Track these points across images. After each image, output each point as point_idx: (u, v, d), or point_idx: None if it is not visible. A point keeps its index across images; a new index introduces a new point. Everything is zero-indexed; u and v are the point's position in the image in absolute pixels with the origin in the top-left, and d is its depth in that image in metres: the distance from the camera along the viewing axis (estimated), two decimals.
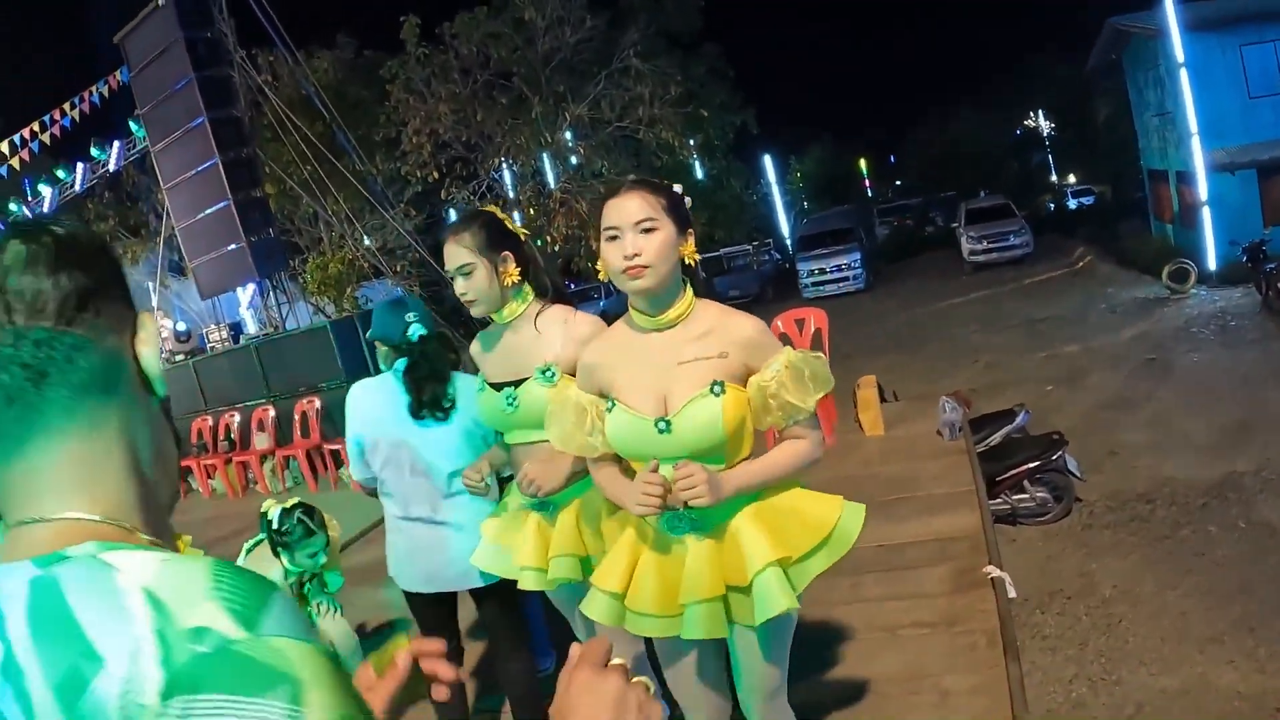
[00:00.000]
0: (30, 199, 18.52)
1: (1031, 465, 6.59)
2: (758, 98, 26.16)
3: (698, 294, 2.26)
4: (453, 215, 20.64)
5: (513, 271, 2.67)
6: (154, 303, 19.36)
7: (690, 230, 2.22)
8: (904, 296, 21.52)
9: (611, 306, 18.63)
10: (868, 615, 3.99)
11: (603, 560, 2.38)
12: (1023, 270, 21.78)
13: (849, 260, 23.91)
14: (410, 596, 3.23)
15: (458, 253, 2.65)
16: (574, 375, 2.53)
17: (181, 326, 13.26)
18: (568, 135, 21.32)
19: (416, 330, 3.07)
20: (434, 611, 3.24)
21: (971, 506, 4.92)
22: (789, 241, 34.35)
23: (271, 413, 11.20)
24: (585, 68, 21.01)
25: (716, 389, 2.11)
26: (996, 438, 7.04)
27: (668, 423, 2.13)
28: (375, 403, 3.14)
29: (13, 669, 0.74)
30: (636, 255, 2.09)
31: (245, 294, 16.63)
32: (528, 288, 2.75)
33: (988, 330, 14.72)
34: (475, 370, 2.96)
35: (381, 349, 3.25)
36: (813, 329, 7.38)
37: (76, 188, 17.99)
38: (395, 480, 3.13)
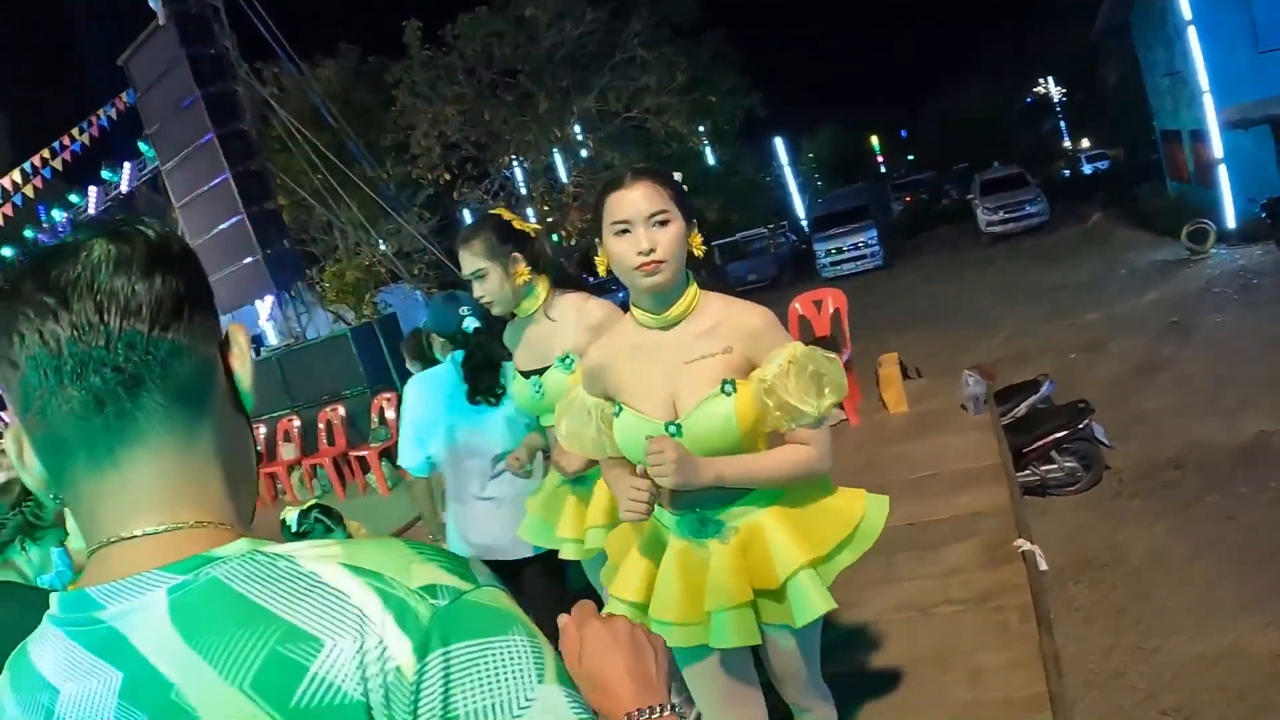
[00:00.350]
0: (45, 225, 18.64)
1: (1059, 435, 6.50)
2: (765, 81, 26.05)
3: (701, 285, 2.18)
4: (467, 216, 20.66)
5: (523, 271, 2.80)
6: None
7: (695, 220, 2.13)
8: (923, 271, 21.39)
9: (629, 297, 18.57)
10: (900, 595, 3.98)
11: (619, 570, 2.33)
12: (1040, 239, 21.58)
13: (865, 238, 23.79)
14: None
15: (470, 259, 2.81)
16: None
17: None
18: (577, 129, 21.29)
19: (470, 323, 3.29)
20: (505, 577, 3.51)
21: (999, 480, 4.89)
22: (805, 223, 34.22)
23: (296, 423, 11.26)
24: (589, 61, 20.95)
25: (728, 388, 2.01)
26: (1022, 409, 6.96)
27: (679, 426, 2.05)
28: (433, 391, 3.46)
29: (149, 687, 0.72)
30: (652, 250, 2.00)
31: (264, 306, 16.66)
32: (542, 282, 2.88)
33: (1008, 301, 14.58)
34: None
35: (438, 340, 3.61)
36: (831, 309, 7.36)
37: (91, 211, 18.06)
38: (449, 462, 3.43)
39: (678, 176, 2.19)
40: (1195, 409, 7.60)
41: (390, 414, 10.20)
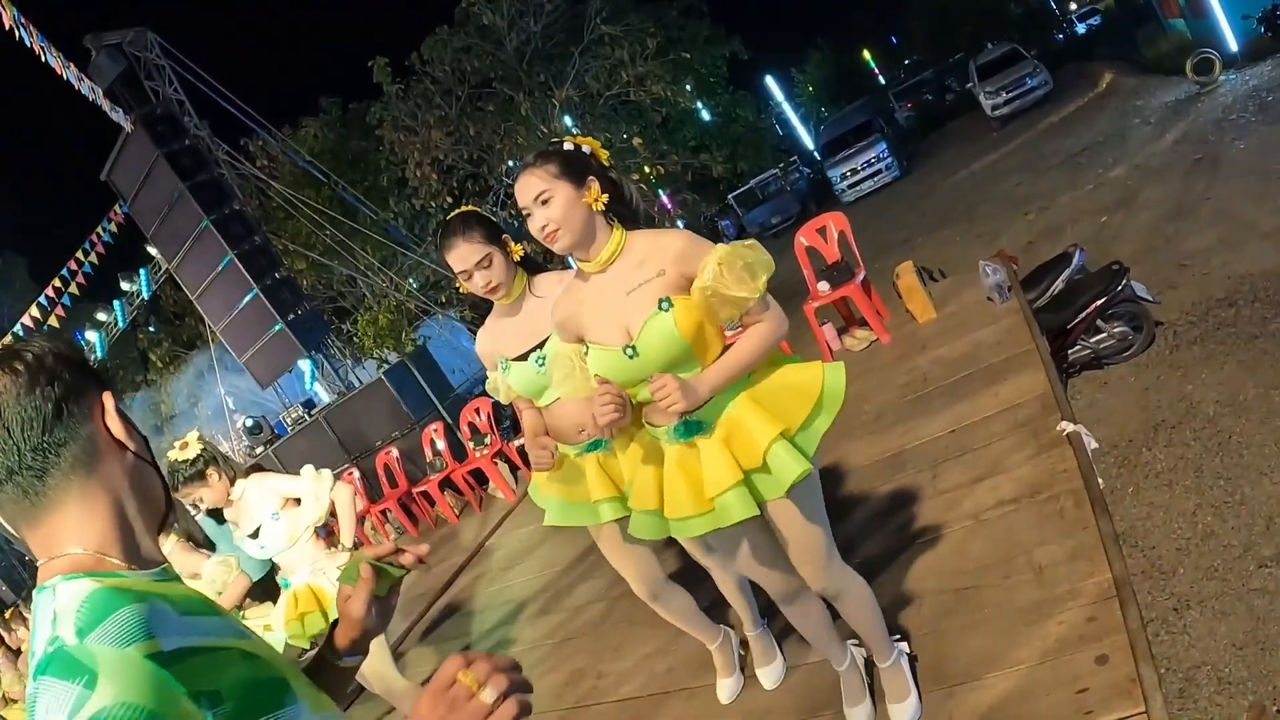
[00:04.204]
0: (84, 348, 19.04)
1: (1100, 302, 6.22)
2: (741, 24, 25.66)
3: (636, 224, 2.46)
4: None
5: (517, 249, 2.97)
6: (229, 405, 19.77)
7: (591, 178, 2.38)
8: (942, 170, 20.90)
9: None
10: (951, 505, 3.81)
11: (634, 486, 2.58)
12: (1049, 109, 20.95)
13: (876, 153, 23.28)
14: None
15: (473, 250, 2.86)
16: None
17: (249, 422, 13.38)
18: (568, 120, 21.09)
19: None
20: None
21: (1035, 365, 4.66)
22: (816, 152, 33.64)
23: (356, 474, 11.30)
24: (559, 50, 20.74)
25: (664, 305, 2.31)
26: (1059, 284, 6.67)
27: (634, 348, 2.33)
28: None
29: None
30: (544, 226, 2.34)
31: (308, 369, 16.83)
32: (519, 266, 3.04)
33: (1030, 178, 14.14)
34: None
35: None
36: (836, 233, 7.13)
37: (120, 324, 18.41)
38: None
39: (569, 144, 2.44)
40: (1237, 241, 7.27)
41: (440, 444, 10.23)
